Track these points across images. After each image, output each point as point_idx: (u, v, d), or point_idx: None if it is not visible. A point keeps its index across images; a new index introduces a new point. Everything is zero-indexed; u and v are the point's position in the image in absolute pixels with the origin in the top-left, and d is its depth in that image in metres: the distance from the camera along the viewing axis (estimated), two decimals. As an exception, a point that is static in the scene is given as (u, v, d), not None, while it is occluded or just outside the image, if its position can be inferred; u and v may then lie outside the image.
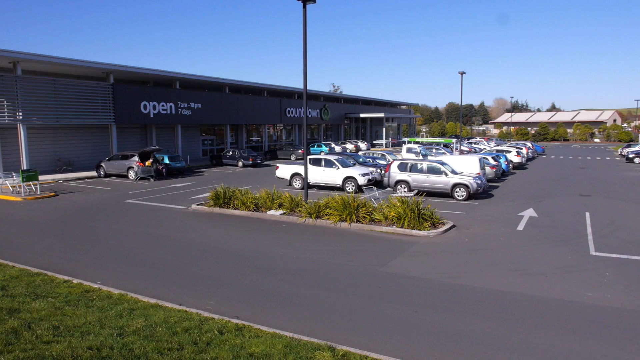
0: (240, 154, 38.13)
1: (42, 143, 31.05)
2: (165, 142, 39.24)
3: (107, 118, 32.25)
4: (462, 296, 9.72)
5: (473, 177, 21.82)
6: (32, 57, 27.13)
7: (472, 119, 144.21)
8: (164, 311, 8.22)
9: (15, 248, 13.15)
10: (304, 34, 17.40)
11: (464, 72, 44.08)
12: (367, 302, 9.37)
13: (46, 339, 6.00)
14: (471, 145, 50.85)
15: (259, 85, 47.84)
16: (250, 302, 9.35)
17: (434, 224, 15.50)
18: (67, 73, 32.32)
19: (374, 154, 33.95)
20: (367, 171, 24.28)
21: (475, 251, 13.09)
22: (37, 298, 8.34)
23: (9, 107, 26.88)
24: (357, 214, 16.08)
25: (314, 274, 11.17)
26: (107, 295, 9.03)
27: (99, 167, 30.17)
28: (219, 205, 18.85)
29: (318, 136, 62.84)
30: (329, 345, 6.97)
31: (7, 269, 10.60)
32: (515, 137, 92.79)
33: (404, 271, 11.31)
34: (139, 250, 13.22)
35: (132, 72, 34.44)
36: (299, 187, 24.91)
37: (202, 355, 6.25)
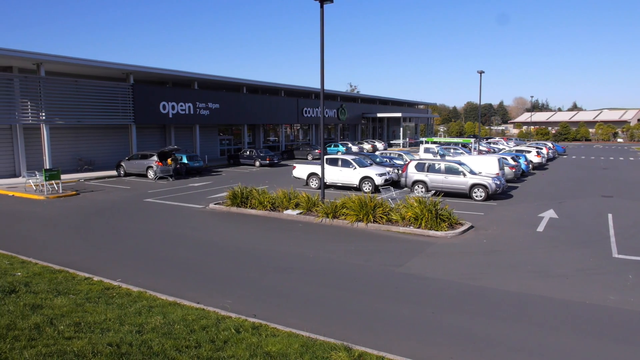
0: (257, 153, 38.33)
1: (64, 143, 31.68)
2: (184, 142, 39.67)
3: (127, 118, 32.74)
4: (480, 298, 9.61)
5: (492, 178, 21.55)
6: (54, 59, 27.68)
7: (491, 118, 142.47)
8: (182, 309, 8.31)
9: (38, 245, 13.45)
10: (321, 34, 17.41)
11: (482, 71, 43.56)
12: (383, 303, 9.33)
13: (68, 335, 6.12)
14: (490, 145, 50.23)
15: (276, 86, 48.02)
16: (267, 301, 9.39)
17: (451, 225, 15.36)
18: (88, 74, 32.90)
19: (391, 154, 33.79)
20: (384, 171, 24.18)
21: (493, 252, 12.93)
22: (59, 295, 8.50)
23: (33, 107, 27.48)
24: (374, 214, 16.03)
25: (331, 274, 11.16)
26: (126, 293, 9.17)
27: (119, 167, 30.67)
28: (236, 205, 18.98)
29: (335, 136, 62.81)
30: (345, 346, 6.96)
31: (30, 265, 10.84)
32: (535, 137, 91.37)
33: (421, 272, 11.23)
34: (157, 248, 13.39)
35: (151, 73, 34.90)
36: (316, 187, 24.94)
37: (220, 353, 6.30)
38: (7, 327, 5.94)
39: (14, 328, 5.99)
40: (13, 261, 11.17)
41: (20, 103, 26.91)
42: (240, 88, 45.18)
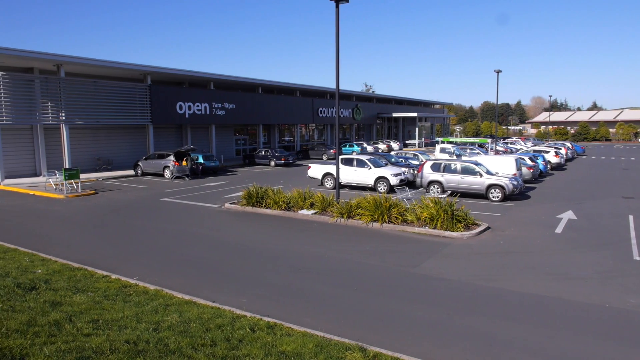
0: (272, 153, 38.48)
1: (83, 143, 32.20)
2: (200, 142, 40.01)
3: (144, 118, 33.14)
4: (496, 300, 9.50)
5: (509, 178, 21.30)
6: (74, 60, 28.15)
7: (509, 118, 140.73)
8: (198, 307, 8.38)
9: (57, 243, 13.69)
10: (336, 34, 17.39)
11: (500, 71, 43.05)
12: (398, 304, 9.28)
13: (86, 332, 6.21)
14: (507, 145, 49.64)
15: (292, 86, 48.14)
16: (282, 300, 9.42)
17: (467, 226, 15.22)
18: (106, 75, 33.38)
19: (406, 154, 33.61)
20: (399, 171, 24.06)
21: (510, 254, 12.78)
22: (78, 292, 8.64)
23: (53, 108, 27.98)
24: (389, 215, 15.96)
25: (345, 274, 11.15)
26: (143, 291, 9.28)
27: (136, 166, 31.07)
28: (251, 204, 19.07)
29: (350, 136, 62.71)
30: (359, 346, 6.94)
31: (50, 263, 11.04)
32: (553, 137, 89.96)
33: (436, 273, 11.15)
34: (174, 247, 13.53)
35: (168, 73, 35.28)
36: (331, 187, 24.93)
37: (235, 352, 6.34)
38: (28, 323, 6.06)
39: (34, 324, 6.10)
40: (34, 259, 11.39)
41: (41, 103, 27.43)
42: (255, 88, 45.40)
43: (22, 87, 26.73)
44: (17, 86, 26.39)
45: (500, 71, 43.10)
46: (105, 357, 5.28)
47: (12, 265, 10.35)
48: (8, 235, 14.33)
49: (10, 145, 27.87)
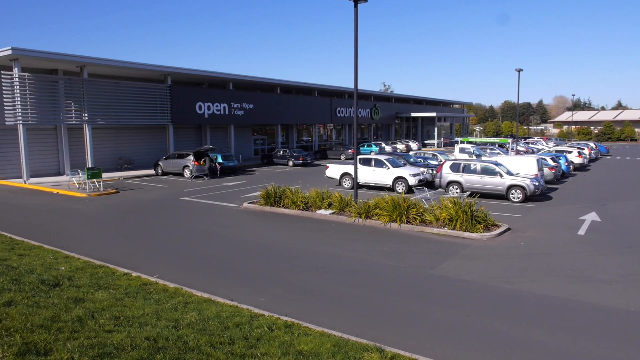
0: (290, 153, 38.60)
1: (105, 142, 32.80)
2: (219, 142, 40.37)
3: (164, 118, 33.58)
4: (517, 302, 9.36)
5: (530, 179, 20.96)
6: (97, 61, 28.70)
7: (530, 118, 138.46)
8: (216, 306, 8.45)
9: (80, 241, 13.97)
10: (355, 33, 17.36)
11: (521, 69, 42.40)
12: (417, 305, 9.22)
13: (108, 328, 6.32)
14: (528, 145, 48.84)
15: (310, 86, 48.22)
16: (299, 300, 9.44)
17: (487, 227, 15.02)
18: (127, 75, 33.92)
19: (425, 154, 33.36)
20: (418, 171, 23.90)
21: (531, 256, 12.57)
22: (100, 289, 8.80)
23: (76, 108, 28.55)
24: (408, 215, 15.86)
25: (363, 274, 11.12)
26: (163, 289, 9.40)
27: (156, 166, 31.52)
28: (269, 204, 19.16)
29: (368, 136, 62.52)
30: (377, 347, 6.92)
31: (73, 260, 11.27)
32: (576, 137, 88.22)
33: (455, 274, 11.04)
34: (193, 246, 13.68)
35: (188, 74, 35.69)
36: (349, 187, 24.89)
37: (253, 350, 6.37)
38: (52, 319, 6.19)
39: (58, 320, 6.24)
40: (57, 256, 11.64)
41: (65, 104, 28.02)
42: (274, 88, 45.60)
43: (47, 88, 27.34)
44: (42, 87, 27.01)
45: (522, 70, 42.45)
46: (126, 353, 5.36)
47: (37, 262, 10.59)
48: (33, 232, 14.68)
49: (35, 145, 28.54)
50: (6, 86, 25.64)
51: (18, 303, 6.76)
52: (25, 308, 6.53)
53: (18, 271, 9.15)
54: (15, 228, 15.19)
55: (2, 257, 10.57)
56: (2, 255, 10.72)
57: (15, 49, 24.35)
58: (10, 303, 6.69)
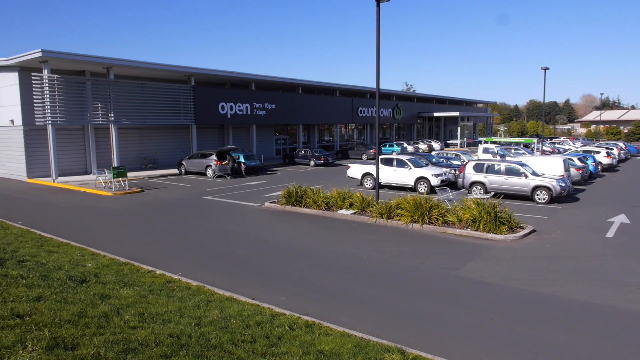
0: (312, 153, 38.67)
1: (130, 142, 33.43)
2: (241, 142, 40.71)
3: (188, 119, 34.04)
4: (542, 305, 9.17)
5: (556, 179, 20.52)
6: (123, 63, 29.28)
7: (556, 117, 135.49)
8: (238, 304, 8.53)
9: (106, 239, 14.28)
10: (377, 33, 17.27)
11: (547, 68, 41.52)
12: (439, 306, 9.12)
13: (132, 324, 6.44)
14: (554, 145, 47.81)
15: (331, 85, 48.20)
16: (320, 299, 9.45)
17: (511, 228, 14.77)
18: (152, 76, 34.50)
19: (447, 154, 32.99)
20: (440, 172, 23.65)
21: (557, 258, 12.30)
22: (125, 286, 8.97)
23: (103, 109, 29.18)
24: (430, 216, 15.71)
25: (384, 275, 11.06)
26: (186, 287, 9.54)
27: (180, 165, 31.99)
28: (290, 204, 19.23)
29: (390, 136, 62.16)
30: (398, 348, 6.87)
31: (99, 257, 11.52)
32: (605, 137, 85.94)
33: (478, 276, 10.88)
34: (215, 244, 13.83)
35: (211, 75, 36.09)
36: (370, 187, 24.79)
37: (274, 349, 6.40)
38: (79, 315, 6.34)
39: (85, 315, 6.38)
40: (84, 253, 11.92)
41: (92, 105, 28.66)
42: (296, 88, 45.74)
43: (75, 89, 28.01)
44: (70, 88, 27.68)
45: (548, 68, 41.57)
46: (150, 349, 5.45)
47: (65, 258, 10.87)
48: (61, 230, 15.07)
49: (63, 145, 29.29)
50: (36, 87, 26.37)
51: (47, 298, 6.95)
52: (53, 303, 6.70)
53: (47, 267, 9.40)
54: (45, 225, 15.61)
55: (32, 253, 10.88)
56: (32, 252, 11.03)
57: (45, 51, 25.01)
58: (39, 298, 6.88)
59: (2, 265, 8.69)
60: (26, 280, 7.85)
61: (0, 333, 5.12)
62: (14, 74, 28.08)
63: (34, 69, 27.47)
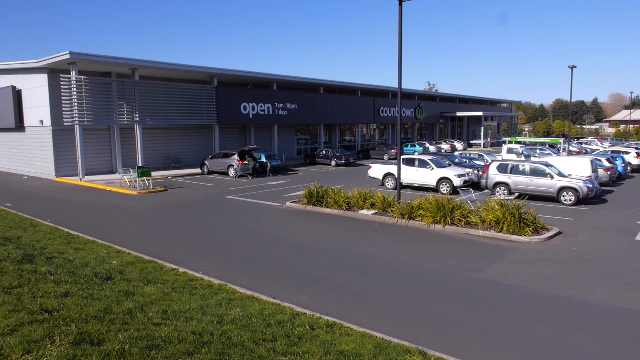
0: (333, 153, 38.66)
1: (154, 142, 33.98)
2: (262, 141, 40.96)
3: (210, 119, 34.43)
4: (567, 309, 8.97)
5: (583, 180, 20.03)
6: (148, 64, 29.79)
7: (583, 116, 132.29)
8: (259, 303, 8.58)
9: (130, 237, 14.55)
10: (399, 32, 17.16)
11: (574, 66, 40.54)
12: (461, 309, 9.01)
13: (156, 321, 6.54)
14: (581, 145, 46.73)
15: (353, 85, 48.09)
16: (341, 300, 9.43)
17: (536, 230, 14.48)
18: (175, 77, 34.99)
19: (470, 154, 32.56)
20: (463, 172, 23.36)
21: (584, 261, 12.01)
22: (149, 283, 9.12)
23: (128, 109, 29.76)
24: (452, 216, 15.53)
25: (405, 275, 10.98)
26: (208, 285, 9.65)
27: (202, 165, 32.39)
28: (311, 204, 19.26)
29: (412, 136, 61.67)
30: (420, 350, 6.81)
31: (124, 255, 11.75)
32: (634, 137, 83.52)
33: (502, 278, 10.71)
34: (236, 243, 13.95)
35: (233, 75, 36.42)
36: (392, 187, 24.65)
37: (294, 348, 6.42)
38: (104, 311, 6.48)
39: (110, 312, 6.51)
40: (110, 250, 12.17)
41: (118, 105, 29.26)
42: (317, 88, 45.79)
43: (101, 90, 28.64)
44: (96, 89, 28.31)
45: (575, 67, 40.58)
46: (173, 346, 5.53)
47: (91, 256, 11.12)
48: (87, 228, 15.42)
49: (90, 145, 29.96)
50: (64, 88, 27.05)
51: (74, 294, 7.11)
52: (80, 299, 6.86)
53: (74, 264, 9.63)
54: (72, 223, 16.00)
55: (60, 250, 11.16)
56: (60, 249, 11.32)
57: (73, 53, 25.62)
58: (66, 294, 7.05)
59: (31, 261, 8.94)
60: (54, 276, 8.05)
61: (29, 327, 5.27)
62: (43, 75, 28.85)
63: (62, 70, 28.17)
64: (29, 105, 30.81)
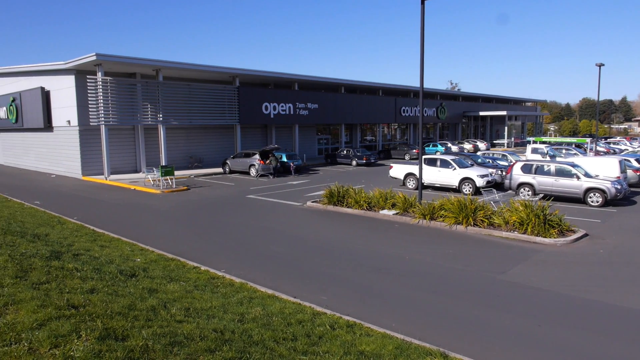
0: (354, 153, 38.57)
1: (177, 142, 34.47)
2: (283, 141, 41.13)
3: (232, 119, 34.74)
4: (594, 313, 8.76)
5: (611, 181, 19.52)
6: (171, 65, 30.23)
7: (612, 116, 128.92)
8: (280, 302, 8.62)
9: (154, 235, 14.79)
10: (421, 31, 17.01)
11: (602, 64, 39.56)
12: (483, 311, 8.88)
13: (179, 319, 6.63)
14: (609, 145, 45.53)
15: (374, 85, 47.88)
16: (361, 300, 9.40)
17: (562, 232, 14.18)
18: (198, 78, 35.39)
19: (494, 154, 32.06)
20: (485, 172, 23.02)
21: (611, 264, 11.70)
22: (171, 281, 9.26)
23: (152, 110, 30.26)
24: (474, 217, 15.32)
25: (427, 277, 10.88)
26: (229, 283, 9.73)
27: (224, 164, 32.71)
28: (332, 203, 19.25)
29: (434, 135, 61.07)
30: (441, 352, 6.74)
31: (148, 253, 11.95)
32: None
33: (526, 281, 10.51)
34: (258, 242, 14.04)
35: (255, 75, 36.65)
36: (413, 187, 24.46)
37: (315, 348, 6.43)
38: (129, 307, 6.60)
39: (134, 308, 6.63)
40: (134, 248, 12.39)
41: (142, 106, 29.77)
42: (338, 88, 45.74)
43: (126, 90, 29.19)
44: (122, 90, 28.87)
45: (603, 65, 39.59)
46: (195, 343, 5.60)
47: (116, 253, 11.34)
48: (113, 226, 15.73)
49: (115, 144, 30.56)
50: (91, 89, 27.65)
51: (99, 291, 7.27)
52: (105, 296, 7.00)
53: (99, 261, 9.84)
54: (97, 221, 16.35)
55: (86, 247, 11.41)
56: (86, 246, 11.58)
57: (99, 55, 26.17)
58: (92, 290, 7.21)
59: (59, 258, 9.17)
60: (80, 273, 8.24)
61: (57, 323, 5.41)
62: (70, 76, 29.56)
63: (88, 71, 28.80)
64: (57, 106, 31.61)
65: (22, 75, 35.56)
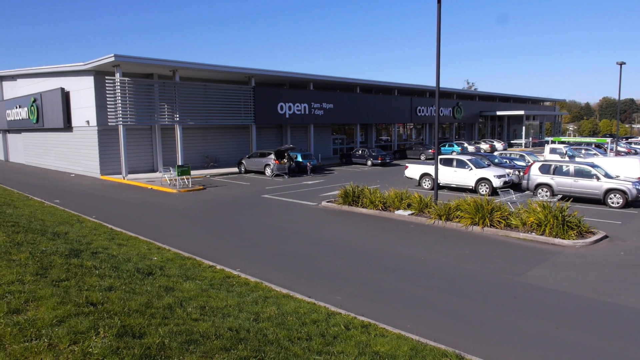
0: (369, 153, 38.46)
1: (194, 142, 34.78)
2: (299, 141, 41.20)
3: (248, 119, 34.94)
4: (613, 316, 8.59)
5: (632, 182, 19.13)
6: (188, 65, 30.51)
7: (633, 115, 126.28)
8: (294, 302, 8.64)
9: (171, 234, 14.94)
10: (437, 30, 16.89)
11: (623, 63, 38.76)
12: (499, 313, 8.78)
13: (194, 317, 6.70)
14: (630, 145, 44.64)
15: (390, 85, 47.67)
16: (376, 300, 9.38)
17: (581, 233, 13.94)
18: (214, 78, 35.66)
19: (511, 154, 31.69)
20: (502, 173, 22.75)
21: (632, 267, 11.47)
22: (187, 279, 9.35)
23: (169, 110, 30.58)
24: (491, 218, 15.15)
25: (442, 278, 10.80)
26: (244, 282, 9.79)
27: (240, 164, 32.91)
28: (347, 203, 19.23)
29: (450, 135, 60.56)
30: (457, 354, 6.69)
31: (164, 251, 12.08)
32: (689, 137, 79.02)
33: (543, 283, 10.37)
34: (272, 242, 14.10)
35: (270, 75, 36.79)
36: (429, 187, 24.29)
37: (329, 348, 6.43)
38: (146, 305, 6.68)
39: (151, 306, 6.71)
40: (151, 247, 12.54)
41: (159, 106, 30.12)
42: (353, 88, 45.66)
43: (144, 91, 29.55)
44: (139, 90, 29.24)
45: (624, 63, 38.78)
46: (211, 341, 5.65)
47: (133, 251, 11.49)
48: (130, 224, 15.94)
49: (132, 144, 30.96)
50: (109, 90, 28.06)
51: (117, 289, 7.37)
52: (123, 293, 7.10)
53: (117, 259, 9.98)
54: (116, 220, 16.58)
55: (104, 245, 11.59)
56: (104, 245, 11.75)
57: (118, 56, 26.54)
58: (110, 288, 7.32)
59: (78, 256, 9.33)
60: (99, 270, 8.37)
61: (76, 319, 5.50)
62: (89, 77, 30.04)
63: (107, 72, 29.23)
64: (76, 107, 32.15)
65: (42, 76, 36.28)
